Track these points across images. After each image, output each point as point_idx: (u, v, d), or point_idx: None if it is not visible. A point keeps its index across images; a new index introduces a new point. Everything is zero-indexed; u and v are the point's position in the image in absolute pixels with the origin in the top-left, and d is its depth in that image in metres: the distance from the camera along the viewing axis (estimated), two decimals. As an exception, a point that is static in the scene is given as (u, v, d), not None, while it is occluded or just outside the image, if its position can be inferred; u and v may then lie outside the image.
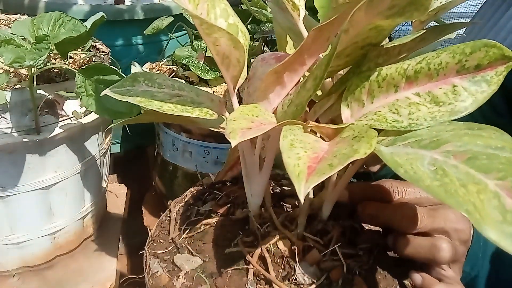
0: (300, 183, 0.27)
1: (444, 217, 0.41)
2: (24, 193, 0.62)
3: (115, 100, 0.57)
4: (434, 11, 0.41)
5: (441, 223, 0.41)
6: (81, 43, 0.61)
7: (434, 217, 0.41)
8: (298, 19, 0.43)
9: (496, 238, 0.24)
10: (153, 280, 0.42)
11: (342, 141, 0.32)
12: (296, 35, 0.47)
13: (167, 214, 0.51)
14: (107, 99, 0.57)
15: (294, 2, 0.43)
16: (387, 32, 0.37)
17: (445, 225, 0.41)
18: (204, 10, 0.40)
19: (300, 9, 0.43)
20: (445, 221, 0.41)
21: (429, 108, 0.35)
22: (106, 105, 0.57)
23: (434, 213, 0.41)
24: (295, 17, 0.43)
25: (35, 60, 0.49)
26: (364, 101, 0.38)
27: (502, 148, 0.29)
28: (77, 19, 0.57)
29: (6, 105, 0.57)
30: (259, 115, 0.36)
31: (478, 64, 0.34)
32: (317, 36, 0.34)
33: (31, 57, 0.49)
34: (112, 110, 0.57)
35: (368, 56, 0.39)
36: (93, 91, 0.56)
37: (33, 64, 0.50)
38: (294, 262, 0.41)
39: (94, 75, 0.57)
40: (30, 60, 0.49)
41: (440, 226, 0.41)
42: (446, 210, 0.42)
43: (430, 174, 0.28)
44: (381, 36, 0.37)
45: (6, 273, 0.68)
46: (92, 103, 0.56)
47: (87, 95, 0.56)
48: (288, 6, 0.43)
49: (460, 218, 0.42)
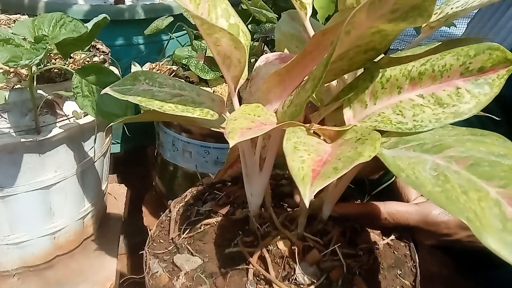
0: (305, 187, 0.27)
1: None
2: (24, 193, 0.62)
3: (110, 102, 0.57)
4: (444, 18, 0.41)
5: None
6: (84, 45, 0.61)
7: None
8: (305, 17, 0.43)
9: (496, 247, 0.24)
10: (153, 280, 0.42)
11: (345, 144, 0.32)
12: (299, 42, 0.48)
13: (167, 214, 0.51)
14: (103, 101, 0.56)
15: (302, 1, 0.43)
16: (391, 38, 0.37)
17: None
18: (205, 10, 0.40)
19: (307, 7, 0.43)
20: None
21: (433, 109, 0.34)
22: (101, 106, 0.56)
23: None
24: (302, 16, 0.43)
25: (31, 60, 0.49)
26: (367, 102, 0.38)
27: (504, 155, 0.29)
28: (78, 20, 0.57)
29: (6, 105, 0.57)
30: (261, 115, 0.36)
31: (482, 67, 0.34)
32: (321, 40, 0.34)
33: (28, 56, 0.49)
34: (107, 112, 0.57)
35: (378, 64, 0.39)
36: (89, 92, 0.56)
37: (29, 64, 0.49)
38: (294, 262, 0.41)
39: (91, 75, 0.57)
40: (26, 60, 0.49)
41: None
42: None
43: (431, 179, 0.28)
44: (385, 42, 0.37)
45: (6, 273, 0.67)
46: (88, 104, 0.56)
47: (82, 96, 0.56)
48: (296, 5, 0.43)
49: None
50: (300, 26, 0.49)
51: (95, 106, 0.56)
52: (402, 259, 0.44)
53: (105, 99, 0.56)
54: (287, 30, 0.49)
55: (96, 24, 0.58)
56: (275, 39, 0.50)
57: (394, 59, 0.39)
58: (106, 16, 0.59)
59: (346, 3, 0.40)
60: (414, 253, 0.45)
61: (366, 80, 0.38)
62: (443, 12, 0.41)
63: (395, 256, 0.44)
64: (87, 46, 0.68)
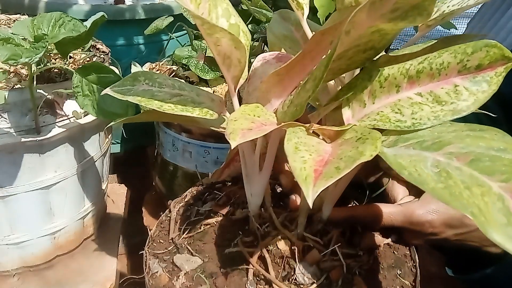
0: (308, 187, 0.27)
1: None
2: (24, 193, 0.62)
3: (111, 101, 0.57)
4: (441, 17, 0.41)
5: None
6: (82, 43, 0.61)
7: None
8: (302, 18, 0.43)
9: (501, 240, 0.24)
10: (153, 280, 0.42)
11: (346, 143, 0.32)
12: (292, 42, 0.48)
13: (167, 214, 0.51)
14: (103, 100, 0.56)
15: (299, 1, 0.43)
16: (390, 37, 0.37)
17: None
18: (206, 10, 0.40)
19: (304, 7, 0.43)
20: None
21: (432, 107, 0.35)
22: (102, 105, 0.56)
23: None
24: (299, 16, 0.43)
25: (31, 58, 0.49)
26: (366, 102, 0.38)
27: (504, 149, 0.29)
28: (77, 19, 0.57)
29: (6, 105, 0.57)
30: (261, 115, 0.36)
31: (479, 64, 0.34)
32: (320, 40, 0.34)
33: (28, 54, 0.49)
34: (107, 111, 0.56)
35: (376, 63, 0.39)
36: (89, 91, 0.56)
37: (28, 62, 0.49)
38: (294, 262, 0.41)
39: (91, 74, 0.57)
40: (26, 58, 0.49)
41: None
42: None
43: (434, 176, 0.28)
44: (384, 41, 0.37)
45: (6, 273, 0.67)
46: (88, 103, 0.56)
47: (83, 95, 0.56)
48: (293, 5, 0.43)
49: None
50: (292, 26, 0.49)
51: (95, 105, 0.56)
52: (402, 259, 0.44)
53: (106, 98, 0.56)
54: (279, 31, 0.49)
55: (94, 22, 0.57)
56: (268, 41, 0.50)
57: (392, 58, 0.39)
58: (104, 14, 0.59)
59: (344, 2, 0.40)
60: (414, 253, 0.45)
61: (364, 80, 0.38)
62: (440, 11, 0.41)
63: (395, 256, 0.44)
64: (86, 44, 0.68)
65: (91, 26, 0.57)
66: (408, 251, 0.45)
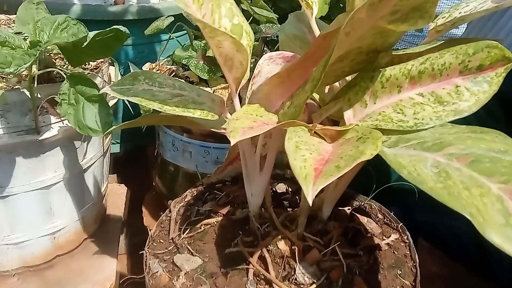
0: (307, 186, 0.27)
1: None
2: (24, 193, 0.62)
3: (91, 115, 0.56)
4: (451, 22, 0.41)
5: None
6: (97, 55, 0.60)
7: None
8: (311, 17, 0.43)
9: (499, 241, 0.24)
10: (153, 280, 0.42)
11: (346, 143, 0.32)
12: (303, 43, 0.48)
13: (167, 214, 0.51)
14: (85, 112, 0.55)
15: (308, 1, 0.43)
16: (392, 40, 0.37)
17: None
18: (209, 10, 0.40)
19: (313, 7, 0.43)
20: None
21: (434, 108, 0.35)
22: (80, 118, 0.55)
23: None
24: (308, 15, 0.44)
25: (17, 68, 0.49)
26: (367, 102, 0.38)
27: (505, 151, 0.29)
28: (82, 24, 0.56)
29: (6, 105, 0.57)
30: (263, 115, 0.36)
31: (480, 65, 0.34)
32: (322, 43, 0.34)
33: (16, 62, 0.49)
34: (84, 125, 0.55)
35: (379, 63, 0.39)
36: (75, 101, 0.55)
37: (14, 72, 0.49)
38: (294, 262, 0.41)
39: (78, 84, 0.56)
40: (13, 66, 0.49)
41: None
42: None
43: (433, 176, 0.28)
44: (387, 43, 0.37)
45: (6, 273, 0.67)
46: (71, 112, 0.55)
47: (68, 103, 0.55)
48: (302, 4, 0.43)
49: None
50: (305, 27, 0.50)
51: (76, 116, 0.55)
52: (402, 259, 0.44)
53: (86, 111, 0.55)
54: (291, 31, 0.50)
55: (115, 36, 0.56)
56: (279, 40, 0.51)
57: (395, 57, 0.39)
58: (127, 30, 0.58)
59: (354, 5, 0.40)
60: (414, 253, 0.45)
61: (366, 80, 0.38)
62: (451, 16, 0.41)
63: (395, 256, 0.44)
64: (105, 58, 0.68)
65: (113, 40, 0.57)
66: (408, 251, 0.45)
